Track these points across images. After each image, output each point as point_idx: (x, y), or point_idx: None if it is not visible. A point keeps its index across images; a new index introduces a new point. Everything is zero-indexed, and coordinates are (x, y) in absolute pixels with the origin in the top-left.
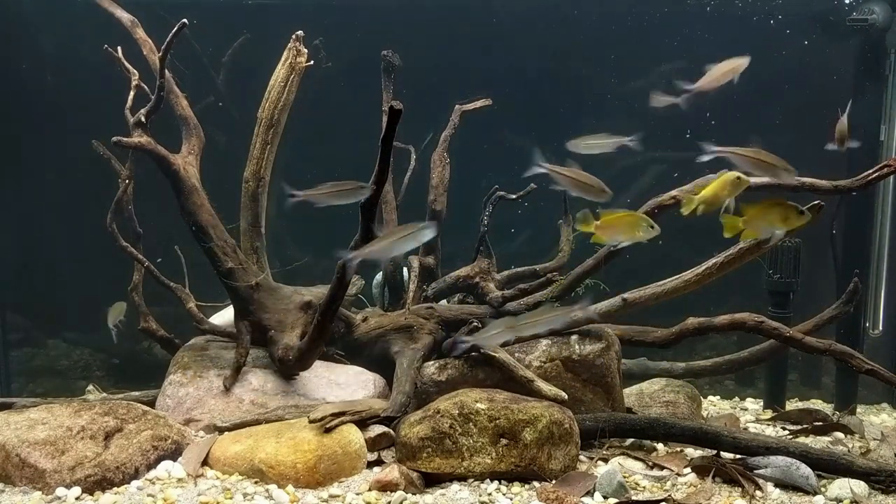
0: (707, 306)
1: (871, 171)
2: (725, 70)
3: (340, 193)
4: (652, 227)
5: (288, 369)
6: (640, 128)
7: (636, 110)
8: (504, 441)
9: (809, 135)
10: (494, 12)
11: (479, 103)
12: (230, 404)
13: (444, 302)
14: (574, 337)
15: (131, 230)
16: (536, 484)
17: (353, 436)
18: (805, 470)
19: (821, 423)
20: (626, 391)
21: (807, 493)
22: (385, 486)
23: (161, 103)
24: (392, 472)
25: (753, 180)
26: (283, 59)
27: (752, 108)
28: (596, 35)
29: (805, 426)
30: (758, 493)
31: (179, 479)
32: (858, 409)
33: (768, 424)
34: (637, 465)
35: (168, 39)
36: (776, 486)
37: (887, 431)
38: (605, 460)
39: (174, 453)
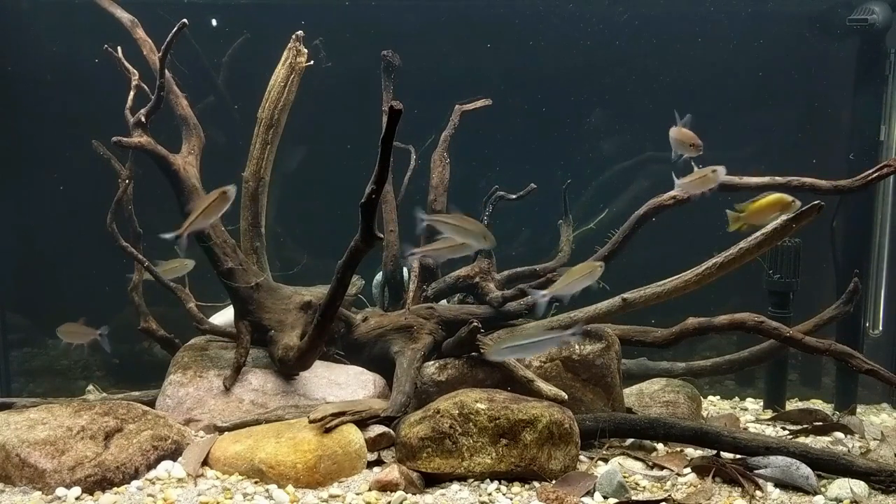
0: (707, 306)
1: (871, 171)
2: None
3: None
4: (792, 201)
5: (288, 369)
6: (644, 127)
7: (640, 111)
8: (504, 441)
9: (809, 135)
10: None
11: (478, 103)
12: (230, 404)
13: (444, 302)
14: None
15: (131, 230)
16: (536, 484)
17: (353, 436)
18: (805, 470)
19: (821, 423)
20: (626, 391)
21: (807, 493)
22: (385, 486)
23: (161, 103)
24: (392, 472)
25: (752, 180)
26: (283, 59)
27: (753, 108)
28: (596, 36)
29: (805, 426)
30: (758, 493)
31: (179, 479)
32: (858, 409)
33: (768, 424)
34: (637, 465)
35: (168, 39)
36: (776, 486)
37: (887, 431)
38: (605, 460)
39: (174, 453)
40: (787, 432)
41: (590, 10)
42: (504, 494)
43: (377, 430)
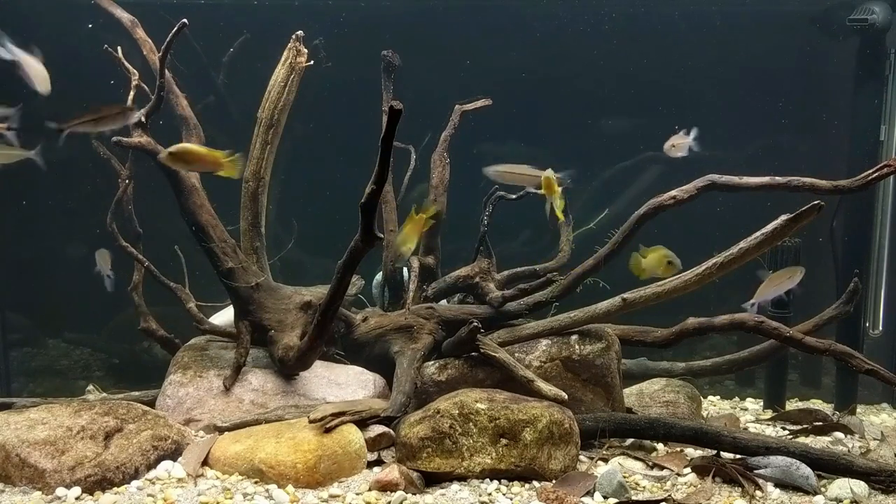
0: (707, 306)
1: (871, 171)
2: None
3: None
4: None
5: (288, 369)
6: (643, 126)
7: (638, 109)
8: (504, 441)
9: (809, 135)
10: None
11: (479, 103)
12: (230, 404)
13: (444, 302)
14: (574, 337)
15: (131, 230)
16: (536, 484)
17: (353, 436)
18: (805, 470)
19: (821, 423)
20: (626, 391)
21: (807, 493)
22: (385, 486)
23: (161, 103)
24: (392, 472)
25: (752, 180)
26: (282, 59)
27: (753, 108)
28: (596, 36)
29: (805, 426)
30: (758, 493)
31: (179, 479)
32: (858, 409)
33: (768, 424)
34: (637, 465)
35: (168, 39)
36: (776, 486)
37: (887, 431)
38: (605, 460)
39: (174, 453)
40: (787, 432)
41: (589, 10)
42: (504, 494)
43: (377, 430)
